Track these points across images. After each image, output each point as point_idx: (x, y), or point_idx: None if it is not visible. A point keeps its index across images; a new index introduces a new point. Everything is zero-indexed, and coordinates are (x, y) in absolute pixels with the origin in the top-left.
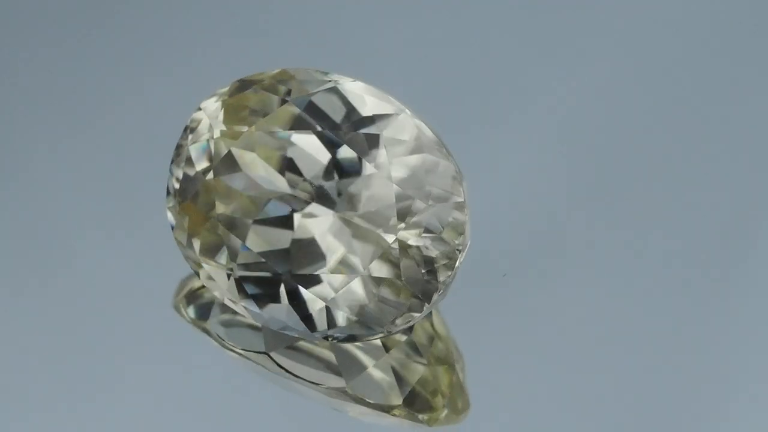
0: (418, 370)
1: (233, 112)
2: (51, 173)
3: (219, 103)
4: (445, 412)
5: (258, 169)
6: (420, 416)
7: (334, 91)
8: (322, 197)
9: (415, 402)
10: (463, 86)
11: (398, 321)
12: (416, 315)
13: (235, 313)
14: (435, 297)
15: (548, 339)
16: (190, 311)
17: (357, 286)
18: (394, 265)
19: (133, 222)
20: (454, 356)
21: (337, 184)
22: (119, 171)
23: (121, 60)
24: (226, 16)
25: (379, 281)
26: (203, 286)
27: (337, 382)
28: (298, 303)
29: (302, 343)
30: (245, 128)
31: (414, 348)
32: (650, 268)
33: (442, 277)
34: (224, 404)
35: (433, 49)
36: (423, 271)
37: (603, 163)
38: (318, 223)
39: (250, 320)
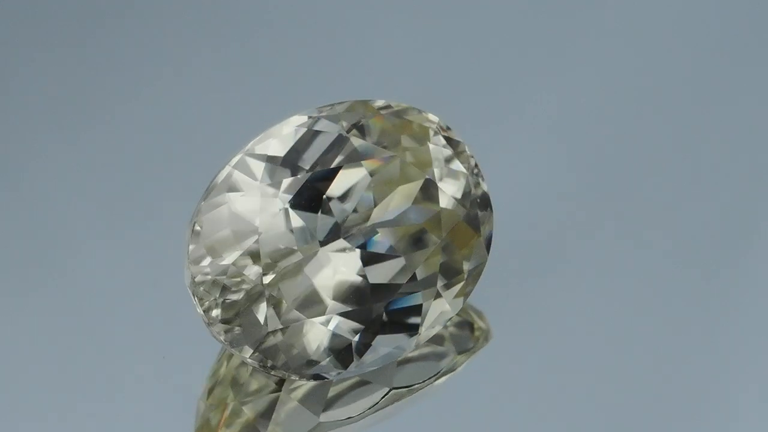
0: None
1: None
2: (56, 175)
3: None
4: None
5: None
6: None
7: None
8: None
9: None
10: (463, 87)
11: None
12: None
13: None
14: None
15: (547, 338)
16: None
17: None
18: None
19: (136, 223)
20: None
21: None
22: (123, 173)
23: (122, 61)
24: (226, 18)
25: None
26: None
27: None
28: (405, 326)
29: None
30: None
31: None
32: (650, 267)
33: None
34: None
35: (434, 50)
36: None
37: (604, 163)
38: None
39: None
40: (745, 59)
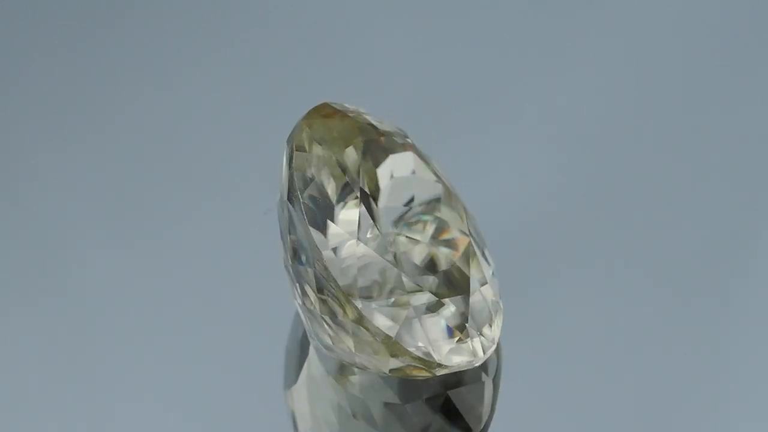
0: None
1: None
2: (56, 177)
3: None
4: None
5: None
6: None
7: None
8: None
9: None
10: (461, 90)
11: None
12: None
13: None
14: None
15: (545, 339)
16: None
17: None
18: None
19: (141, 225)
20: None
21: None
22: (124, 175)
23: (122, 65)
24: (225, 17)
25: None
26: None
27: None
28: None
29: None
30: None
31: None
32: (647, 268)
33: None
34: (232, 404)
35: (433, 52)
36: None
37: (602, 165)
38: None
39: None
40: (745, 61)
